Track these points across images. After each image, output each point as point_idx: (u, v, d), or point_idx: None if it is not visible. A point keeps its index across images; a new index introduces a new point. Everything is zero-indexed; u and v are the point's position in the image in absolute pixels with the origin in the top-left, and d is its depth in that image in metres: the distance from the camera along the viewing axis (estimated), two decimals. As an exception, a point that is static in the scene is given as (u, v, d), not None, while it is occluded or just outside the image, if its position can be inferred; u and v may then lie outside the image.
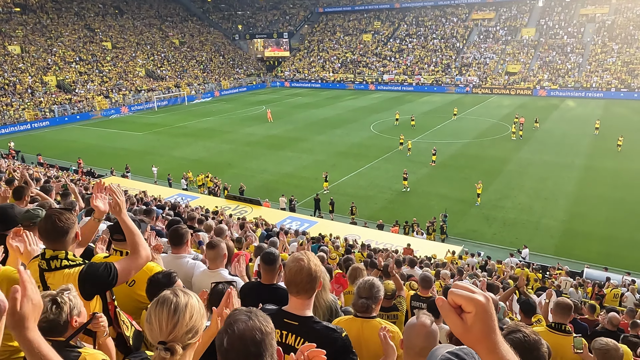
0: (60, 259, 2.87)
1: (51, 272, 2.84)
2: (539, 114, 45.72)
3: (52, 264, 2.84)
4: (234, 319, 1.78)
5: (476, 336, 1.24)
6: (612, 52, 62.69)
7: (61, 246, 2.91)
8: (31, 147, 37.26)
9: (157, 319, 1.87)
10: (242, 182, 26.64)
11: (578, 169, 29.08)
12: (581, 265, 17.67)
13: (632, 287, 13.63)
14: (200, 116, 51.78)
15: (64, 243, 2.92)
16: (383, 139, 37.93)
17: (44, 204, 5.07)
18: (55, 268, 2.84)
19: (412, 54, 75.69)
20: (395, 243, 18.39)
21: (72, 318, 2.30)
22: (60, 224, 2.88)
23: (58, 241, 2.90)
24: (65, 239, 2.92)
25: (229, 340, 1.72)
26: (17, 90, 52.29)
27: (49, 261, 2.85)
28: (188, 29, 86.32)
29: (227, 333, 1.74)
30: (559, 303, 4.77)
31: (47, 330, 2.20)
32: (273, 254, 3.97)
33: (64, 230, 2.90)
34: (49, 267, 2.85)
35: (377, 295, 3.52)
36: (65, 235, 2.91)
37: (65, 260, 2.87)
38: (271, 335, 1.78)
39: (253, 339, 1.72)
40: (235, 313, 1.83)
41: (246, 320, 1.76)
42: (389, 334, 3.07)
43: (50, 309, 2.23)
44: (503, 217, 22.93)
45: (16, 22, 63.44)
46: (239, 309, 1.87)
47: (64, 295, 2.30)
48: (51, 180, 13.19)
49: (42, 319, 2.15)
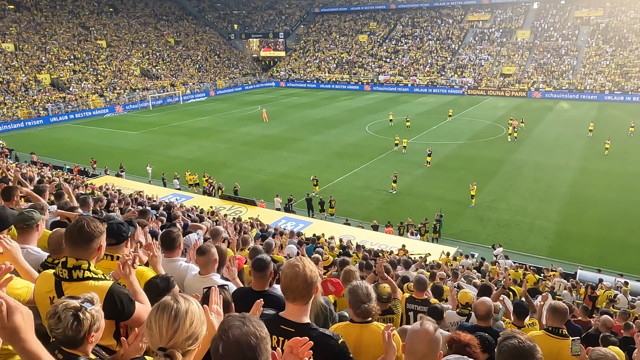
0: (83, 269, 2.75)
1: (71, 283, 2.73)
2: (533, 115, 45.99)
3: (74, 274, 2.73)
4: (228, 325, 1.77)
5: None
6: (606, 55, 63.12)
7: (85, 254, 2.82)
8: (25, 146, 37.02)
9: (157, 324, 1.86)
10: (238, 182, 26.58)
11: (572, 171, 29.25)
12: (575, 266, 17.76)
13: (625, 289, 13.72)
14: (196, 115, 51.66)
15: (87, 251, 2.83)
16: (378, 139, 37.98)
17: (37, 205, 5.02)
18: (77, 279, 2.73)
19: (407, 55, 75.85)
20: (390, 244, 18.43)
21: (90, 334, 2.21)
22: (87, 230, 2.82)
23: (82, 247, 2.81)
24: (90, 246, 2.84)
25: (225, 346, 1.71)
26: (11, 88, 51.94)
27: (70, 270, 2.74)
28: (183, 28, 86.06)
29: (222, 339, 1.73)
30: (555, 307, 4.78)
31: (62, 341, 2.17)
32: (264, 260, 3.89)
33: (90, 237, 2.82)
34: (70, 276, 2.73)
35: (374, 297, 3.52)
36: (90, 242, 2.83)
37: (88, 272, 2.76)
38: (266, 340, 1.78)
39: (248, 344, 1.72)
40: (229, 319, 1.82)
41: (240, 326, 1.76)
42: (393, 333, 3.08)
43: (70, 324, 2.13)
44: (497, 218, 23.02)
45: (10, 19, 63.01)
46: (232, 315, 1.86)
47: (87, 312, 2.19)
48: (44, 180, 13.09)
49: (60, 332, 2.14)
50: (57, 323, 2.13)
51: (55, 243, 3.57)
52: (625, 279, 15.28)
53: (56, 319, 2.13)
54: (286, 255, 10.29)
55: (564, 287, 13.61)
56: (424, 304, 6.12)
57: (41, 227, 3.90)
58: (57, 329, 2.13)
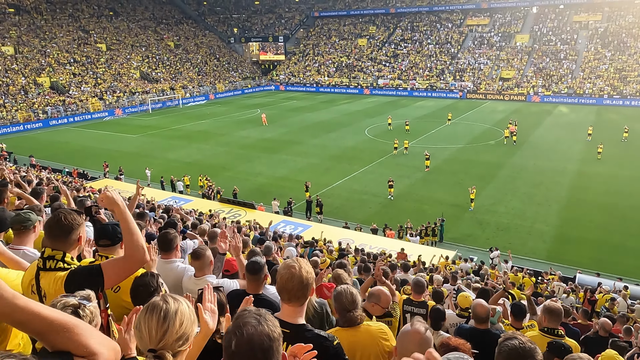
0: (56, 259, 2.80)
1: (45, 272, 2.77)
2: (532, 119, 46.03)
3: (47, 263, 2.78)
4: (243, 322, 1.75)
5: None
6: (605, 59, 63.28)
7: (61, 246, 2.85)
8: (24, 149, 36.99)
9: (146, 326, 1.84)
10: (236, 185, 26.56)
11: (571, 175, 29.26)
12: (573, 270, 17.75)
13: (624, 293, 13.70)
14: (195, 119, 51.67)
15: (64, 243, 2.87)
16: (377, 143, 38.01)
17: (34, 206, 5.02)
18: (49, 268, 2.77)
19: (406, 58, 76.01)
20: (389, 247, 18.40)
21: None
22: (64, 222, 2.86)
23: (59, 239, 2.85)
24: (67, 238, 2.87)
25: (237, 343, 1.70)
26: (10, 91, 51.96)
27: (45, 260, 2.79)
28: (183, 32, 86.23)
29: (235, 335, 1.71)
30: (550, 308, 4.79)
31: None
32: (258, 262, 3.88)
33: (67, 229, 2.86)
34: (44, 266, 2.78)
35: (359, 303, 3.46)
36: (68, 235, 2.86)
37: (60, 262, 2.80)
38: (278, 342, 1.76)
39: (261, 345, 1.70)
40: (245, 314, 1.79)
41: (256, 325, 1.73)
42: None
43: None
44: (496, 221, 23.01)
45: (10, 22, 63.12)
46: (249, 309, 1.83)
47: (86, 309, 2.17)
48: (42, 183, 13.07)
49: None
50: None
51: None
52: (624, 283, 15.28)
53: None
54: (285, 258, 10.28)
55: (564, 291, 13.60)
56: (421, 306, 6.13)
57: (38, 228, 3.89)
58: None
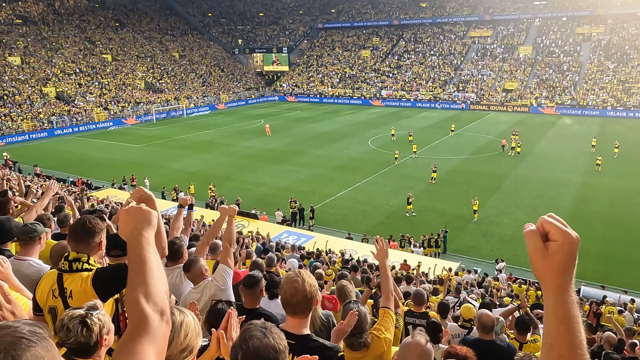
0: (82, 261, 2.95)
1: (70, 274, 2.90)
2: (536, 131, 46.02)
3: (74, 265, 2.92)
4: (249, 335, 1.77)
5: (552, 266, 1.19)
6: (608, 71, 63.39)
7: (85, 249, 3.03)
8: (29, 158, 37.22)
9: None
10: (240, 196, 26.57)
11: (575, 186, 29.17)
12: (578, 283, 17.62)
13: (630, 306, 13.56)
14: (199, 129, 51.91)
15: (87, 246, 3.05)
16: (381, 153, 38.05)
17: (43, 217, 5.06)
18: (76, 270, 2.91)
19: (410, 70, 76.35)
20: (392, 259, 18.32)
21: (102, 338, 2.21)
22: (89, 226, 3.08)
23: (82, 242, 3.04)
24: (90, 241, 3.07)
25: (244, 356, 1.72)
26: (16, 101, 52.42)
27: (71, 262, 2.92)
28: (188, 43, 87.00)
29: (242, 348, 1.74)
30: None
31: (76, 351, 2.17)
32: (254, 277, 3.82)
33: (91, 233, 3.07)
34: (70, 268, 2.91)
35: (366, 326, 3.41)
36: (91, 237, 3.07)
37: (86, 264, 2.95)
38: (284, 354, 1.78)
39: (267, 357, 1.72)
40: (250, 328, 1.82)
41: (261, 337, 1.76)
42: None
43: (80, 331, 2.14)
44: (500, 233, 22.92)
45: (17, 33, 63.89)
46: (255, 323, 1.86)
47: (93, 317, 2.20)
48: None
49: (72, 342, 2.14)
50: (67, 334, 2.14)
51: (57, 255, 3.59)
52: (630, 295, 15.15)
53: (65, 330, 2.14)
54: (287, 269, 10.26)
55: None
56: (423, 317, 6.11)
57: (43, 239, 3.93)
58: (68, 339, 2.14)
